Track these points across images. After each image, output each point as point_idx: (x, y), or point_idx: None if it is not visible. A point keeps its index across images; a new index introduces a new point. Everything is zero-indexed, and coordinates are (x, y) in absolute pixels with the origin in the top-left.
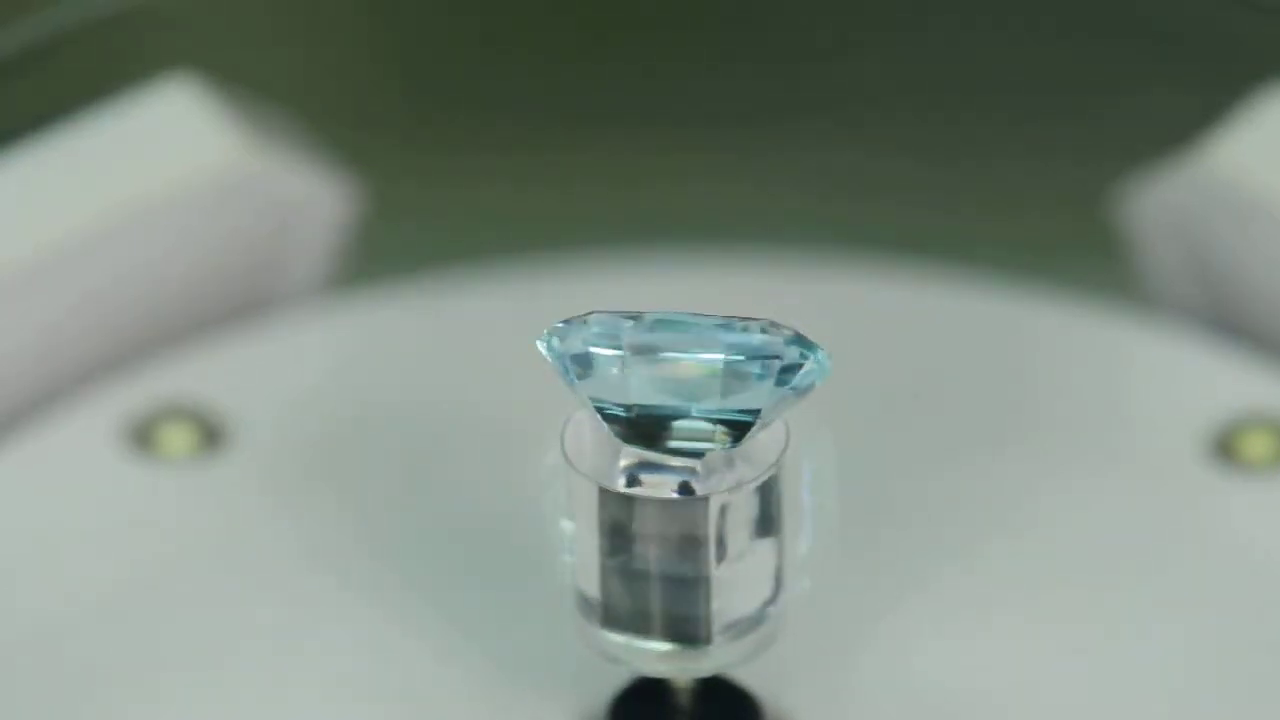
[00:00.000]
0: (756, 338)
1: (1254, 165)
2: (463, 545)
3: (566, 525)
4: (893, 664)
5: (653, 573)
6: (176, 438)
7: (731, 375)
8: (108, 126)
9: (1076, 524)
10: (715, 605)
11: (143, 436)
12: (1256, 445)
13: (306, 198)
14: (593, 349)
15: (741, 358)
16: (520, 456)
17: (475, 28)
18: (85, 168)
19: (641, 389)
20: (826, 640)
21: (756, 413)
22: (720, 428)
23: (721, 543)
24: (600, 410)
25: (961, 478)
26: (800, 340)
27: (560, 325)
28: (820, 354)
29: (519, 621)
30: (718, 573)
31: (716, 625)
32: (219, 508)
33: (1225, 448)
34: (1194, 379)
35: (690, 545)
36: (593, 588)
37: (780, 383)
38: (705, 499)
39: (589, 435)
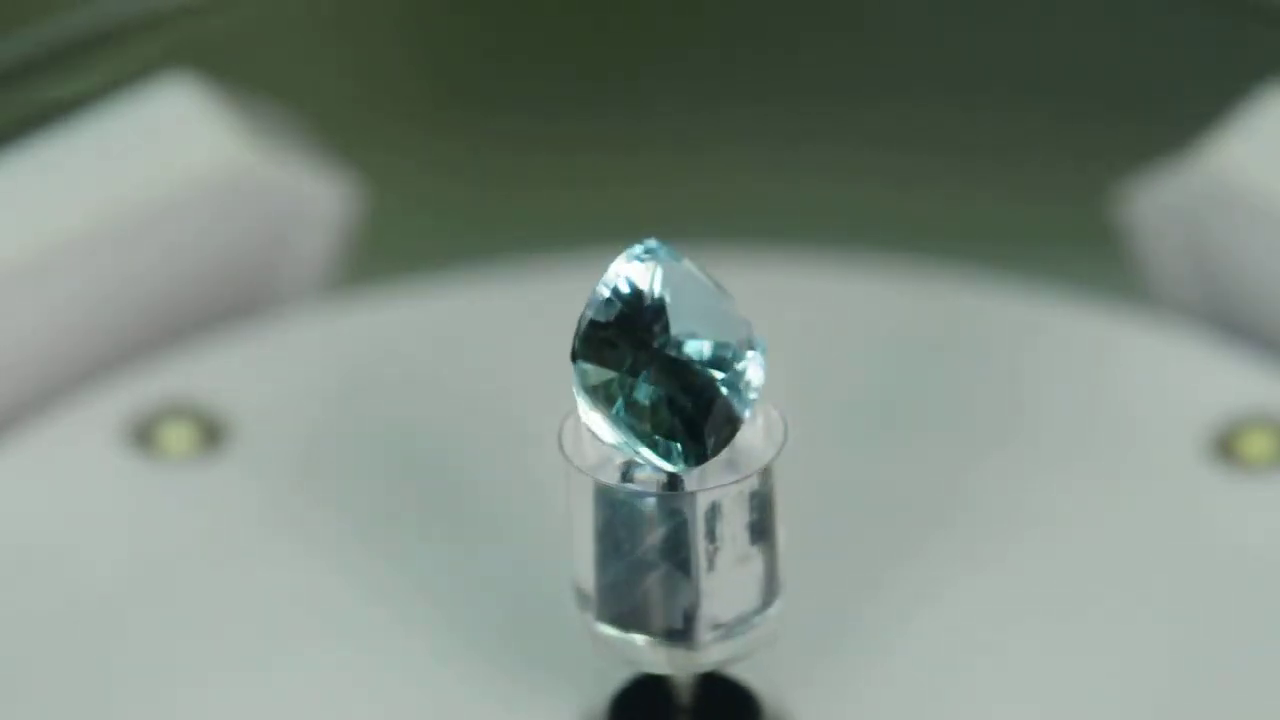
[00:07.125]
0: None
1: (1254, 165)
2: (463, 544)
3: (568, 521)
4: (892, 661)
5: (648, 569)
6: (176, 437)
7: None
8: (108, 126)
9: (1076, 524)
10: (712, 602)
11: (143, 436)
12: (1256, 445)
13: (307, 198)
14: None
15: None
16: (520, 455)
17: (474, 26)
18: (85, 167)
19: None
20: (826, 638)
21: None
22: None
23: (713, 540)
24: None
25: (961, 477)
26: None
27: (655, 251)
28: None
29: (520, 619)
30: (711, 570)
31: (713, 622)
32: (219, 508)
33: (1225, 448)
34: (1194, 379)
35: (682, 542)
36: (591, 584)
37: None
38: (694, 495)
39: (586, 431)
